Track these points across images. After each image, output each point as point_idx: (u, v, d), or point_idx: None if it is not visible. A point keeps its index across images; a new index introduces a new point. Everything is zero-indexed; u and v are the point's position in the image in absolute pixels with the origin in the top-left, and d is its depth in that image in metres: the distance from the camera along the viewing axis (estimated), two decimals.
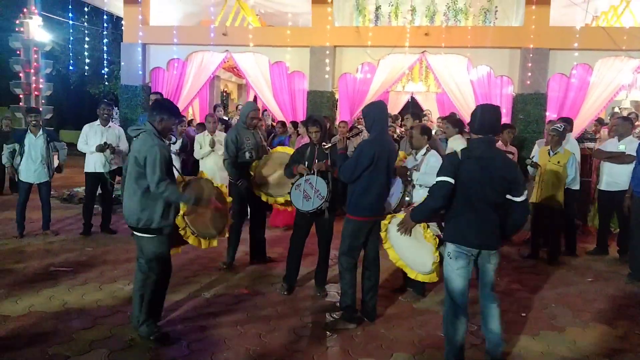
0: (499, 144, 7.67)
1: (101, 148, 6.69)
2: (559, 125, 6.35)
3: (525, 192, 3.37)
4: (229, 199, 4.39)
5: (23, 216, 6.77)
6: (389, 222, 4.06)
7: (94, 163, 6.84)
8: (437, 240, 3.73)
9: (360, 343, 3.92)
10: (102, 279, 5.18)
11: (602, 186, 6.74)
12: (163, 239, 3.81)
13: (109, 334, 3.91)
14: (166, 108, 3.87)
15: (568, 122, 6.86)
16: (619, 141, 6.59)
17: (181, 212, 3.81)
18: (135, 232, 3.81)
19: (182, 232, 3.87)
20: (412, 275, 4.13)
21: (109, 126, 6.98)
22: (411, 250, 3.95)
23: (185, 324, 4.17)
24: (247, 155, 5.52)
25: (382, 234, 4.12)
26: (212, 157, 7.27)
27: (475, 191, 3.23)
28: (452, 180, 3.23)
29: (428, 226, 3.93)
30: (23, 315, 4.20)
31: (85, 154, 6.95)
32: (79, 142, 6.91)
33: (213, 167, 7.13)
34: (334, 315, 4.36)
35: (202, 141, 7.38)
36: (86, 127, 6.94)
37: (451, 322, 3.35)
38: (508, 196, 3.27)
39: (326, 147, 4.64)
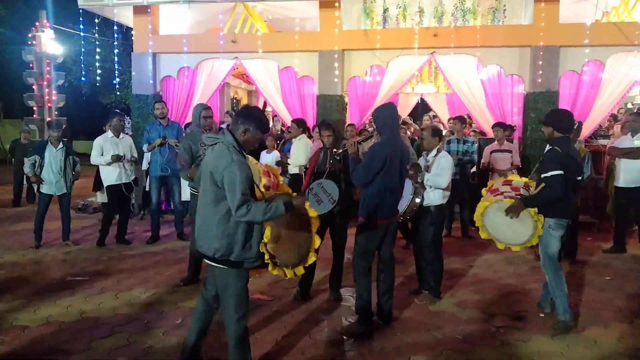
0: (495, 143, 7.68)
1: (118, 158, 6.74)
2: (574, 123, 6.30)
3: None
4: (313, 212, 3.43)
5: (41, 227, 6.88)
6: (489, 205, 4.36)
7: (118, 175, 6.85)
8: (542, 218, 4.15)
9: (377, 346, 3.91)
10: (119, 287, 5.22)
11: (620, 183, 6.66)
12: (243, 273, 3.21)
13: (127, 342, 3.94)
14: (254, 118, 3.21)
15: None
16: (632, 137, 6.53)
17: (264, 240, 3.15)
18: (209, 262, 3.23)
19: (267, 262, 3.23)
20: (500, 246, 4.43)
21: (122, 137, 7.05)
22: (506, 226, 4.28)
23: None
24: None
25: (477, 214, 4.44)
26: None
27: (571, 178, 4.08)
28: (562, 172, 3.98)
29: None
30: (42, 325, 4.24)
31: (97, 167, 7.02)
32: (93, 156, 6.87)
33: None
34: (350, 319, 4.34)
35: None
36: (100, 140, 6.92)
37: (560, 278, 4.24)
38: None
39: (337, 152, 4.64)
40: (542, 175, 4.11)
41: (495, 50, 8.74)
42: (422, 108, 13.86)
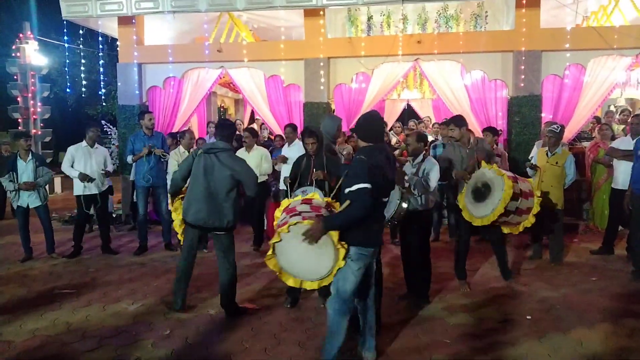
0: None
1: (84, 177, 6.70)
2: (555, 126, 6.36)
3: None
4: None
5: (27, 239, 6.79)
6: (287, 231, 3.44)
7: (84, 185, 6.83)
8: (345, 246, 3.39)
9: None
10: (106, 299, 5.18)
11: (618, 185, 6.61)
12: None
13: (115, 355, 3.92)
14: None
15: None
16: (633, 139, 6.54)
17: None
18: (218, 233, 4.66)
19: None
20: (292, 283, 3.61)
21: (96, 147, 7.01)
22: (302, 256, 3.45)
23: (190, 341, 4.17)
24: None
25: (273, 242, 3.51)
26: None
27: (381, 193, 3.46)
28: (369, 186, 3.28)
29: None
30: (27, 340, 4.20)
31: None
32: (64, 164, 6.84)
33: None
34: None
35: (178, 159, 7.14)
36: (72, 149, 6.84)
37: (336, 325, 3.50)
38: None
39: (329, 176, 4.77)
40: (346, 190, 3.35)
41: (478, 55, 8.85)
42: (408, 114, 13.94)
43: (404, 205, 4.75)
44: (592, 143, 8.18)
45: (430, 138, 8.07)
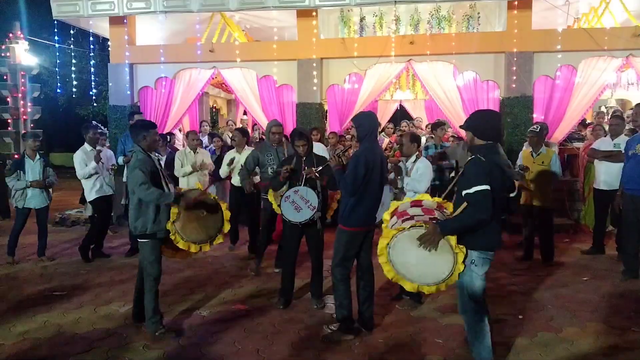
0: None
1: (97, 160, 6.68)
2: (535, 126, 6.41)
3: None
4: (224, 205, 4.57)
5: (16, 242, 6.71)
6: (398, 234, 3.37)
7: (101, 186, 6.77)
8: (464, 250, 3.30)
9: (359, 354, 3.92)
10: (97, 301, 5.14)
11: (600, 185, 6.72)
12: (155, 243, 4.30)
13: (106, 357, 3.89)
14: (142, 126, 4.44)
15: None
16: (612, 140, 6.63)
17: (171, 219, 4.23)
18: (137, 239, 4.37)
19: (172, 237, 4.25)
20: (411, 288, 3.46)
21: (99, 149, 6.96)
22: (419, 261, 3.35)
23: (182, 342, 4.15)
24: None
25: (382, 247, 3.42)
26: (194, 175, 7.24)
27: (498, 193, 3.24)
28: (489, 187, 3.14)
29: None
30: (17, 342, 4.16)
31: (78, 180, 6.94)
32: (79, 170, 6.67)
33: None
34: (332, 327, 4.34)
35: (183, 159, 7.32)
36: (80, 153, 6.70)
37: (480, 326, 3.40)
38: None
39: (317, 170, 4.65)
40: (464, 192, 3.24)
41: (470, 56, 8.89)
42: (401, 114, 13.97)
43: None
44: (585, 144, 8.23)
45: (422, 139, 8.07)
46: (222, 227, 4.50)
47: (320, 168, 4.61)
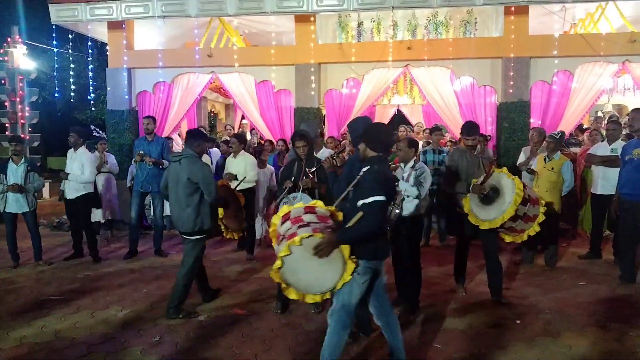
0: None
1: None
2: (556, 132, 6.45)
3: None
4: (242, 199, 5.38)
5: (15, 246, 6.71)
6: (299, 244, 3.23)
7: (66, 190, 6.96)
8: (355, 260, 3.29)
9: (356, 358, 3.92)
10: (95, 306, 5.13)
11: (598, 190, 6.72)
12: (205, 238, 4.97)
13: None
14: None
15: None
16: (609, 145, 6.65)
17: (219, 216, 4.99)
18: (187, 237, 4.83)
19: (224, 232, 5.13)
20: (296, 297, 3.38)
21: (76, 152, 6.91)
22: (310, 273, 3.30)
23: (179, 347, 4.14)
24: None
25: (282, 255, 3.25)
26: None
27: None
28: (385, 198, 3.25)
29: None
30: (15, 347, 4.15)
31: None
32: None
33: None
34: None
35: None
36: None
37: (339, 334, 3.36)
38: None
39: (311, 171, 4.65)
40: (360, 202, 3.23)
41: (467, 61, 8.93)
42: (398, 119, 14.00)
43: (396, 211, 4.77)
44: (582, 149, 8.25)
45: (420, 144, 8.08)
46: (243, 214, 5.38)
47: (314, 169, 4.62)
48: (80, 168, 6.82)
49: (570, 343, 4.16)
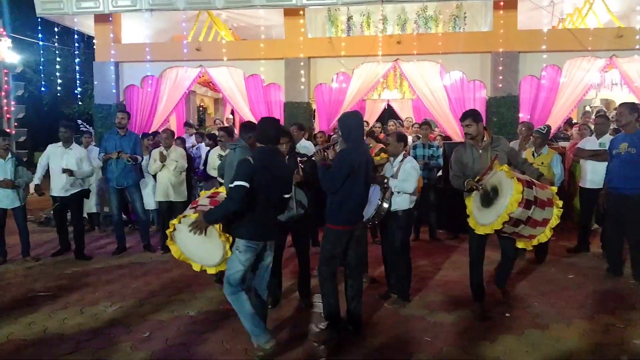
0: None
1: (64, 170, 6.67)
2: (542, 127, 6.48)
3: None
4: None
5: (2, 242, 6.63)
6: (179, 222, 3.87)
7: (55, 187, 6.77)
8: (230, 238, 3.78)
9: (347, 352, 3.92)
10: (84, 302, 5.08)
11: (586, 184, 6.77)
12: None
13: (93, 358, 3.85)
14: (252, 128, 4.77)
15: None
16: (598, 139, 6.70)
17: None
18: None
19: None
20: (196, 267, 4.01)
21: (71, 148, 6.84)
22: (197, 245, 3.85)
23: (169, 343, 4.12)
24: None
25: (169, 232, 3.93)
26: (164, 172, 7.02)
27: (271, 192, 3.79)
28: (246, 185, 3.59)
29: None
30: (2, 344, 4.10)
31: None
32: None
33: (166, 182, 6.96)
34: (320, 326, 4.35)
35: (155, 156, 7.17)
36: (49, 148, 6.88)
37: (234, 298, 3.81)
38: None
39: (301, 160, 4.65)
40: (229, 186, 3.75)
41: (457, 56, 8.95)
42: (388, 114, 14.01)
43: (385, 205, 4.78)
44: (571, 143, 8.31)
45: (409, 139, 8.09)
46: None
47: (306, 159, 4.63)
48: (79, 163, 6.75)
49: (559, 335, 4.19)
